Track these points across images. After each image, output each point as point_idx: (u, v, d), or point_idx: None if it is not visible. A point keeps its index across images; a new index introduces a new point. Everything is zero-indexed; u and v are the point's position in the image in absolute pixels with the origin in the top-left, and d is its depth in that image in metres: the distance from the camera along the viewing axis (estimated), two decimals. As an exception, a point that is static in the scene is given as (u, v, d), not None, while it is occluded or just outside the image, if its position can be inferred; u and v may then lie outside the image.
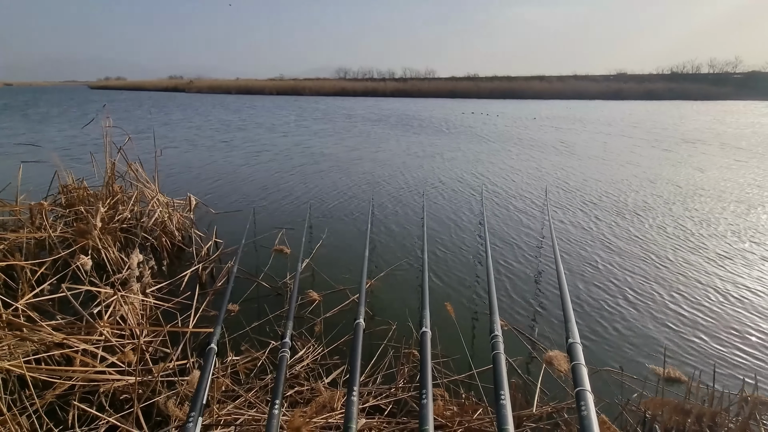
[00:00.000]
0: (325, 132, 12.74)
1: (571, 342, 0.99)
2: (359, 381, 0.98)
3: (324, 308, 2.54)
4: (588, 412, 0.70)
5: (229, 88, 46.92)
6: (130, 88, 61.25)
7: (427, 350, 0.96)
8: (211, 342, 1.27)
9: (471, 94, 39.38)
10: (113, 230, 3.21)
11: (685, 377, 1.92)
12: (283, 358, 1.06)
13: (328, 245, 3.61)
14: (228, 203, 4.86)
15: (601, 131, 13.27)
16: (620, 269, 3.20)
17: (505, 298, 2.74)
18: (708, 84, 40.68)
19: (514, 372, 1.98)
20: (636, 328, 2.42)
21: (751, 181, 6.27)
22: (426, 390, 0.82)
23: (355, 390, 0.91)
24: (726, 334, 2.37)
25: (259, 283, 2.93)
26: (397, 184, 6.01)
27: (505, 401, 0.74)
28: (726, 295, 2.81)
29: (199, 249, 3.33)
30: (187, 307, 2.55)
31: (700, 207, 4.86)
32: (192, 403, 0.97)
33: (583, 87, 40.53)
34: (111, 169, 3.69)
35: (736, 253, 3.50)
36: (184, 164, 7.29)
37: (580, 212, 4.64)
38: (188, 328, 2.22)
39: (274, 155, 8.41)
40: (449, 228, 4.11)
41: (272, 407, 0.93)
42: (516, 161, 7.91)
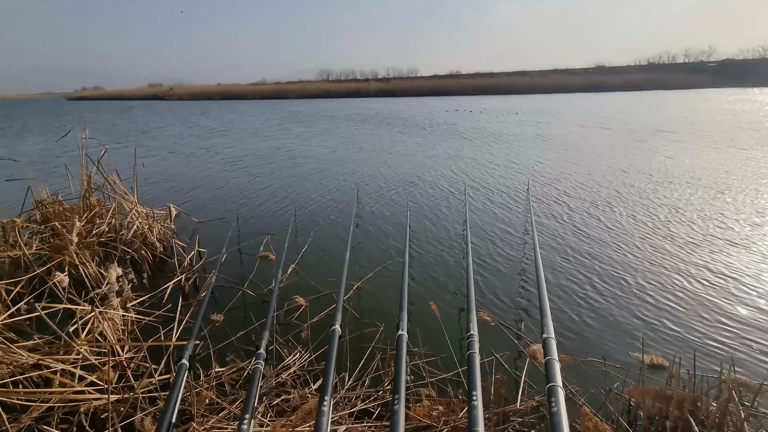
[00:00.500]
0: (307, 134, 12.67)
1: (546, 337, 1.00)
2: (333, 390, 0.96)
3: (311, 313, 2.52)
4: (558, 408, 0.70)
5: (210, 94, 46.35)
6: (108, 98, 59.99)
7: (402, 353, 0.95)
8: (183, 357, 1.24)
9: (454, 91, 39.65)
10: (91, 245, 3.14)
11: (666, 363, 1.95)
12: (256, 370, 1.04)
13: (314, 249, 3.59)
14: (211, 211, 4.79)
15: (579, 124, 13.49)
16: (601, 260, 3.24)
17: (492, 293, 2.76)
18: (684, 73, 41.70)
19: (501, 367, 1.99)
20: (617, 318, 2.46)
21: (718, 167, 6.44)
22: (399, 395, 0.81)
23: (327, 400, 0.90)
24: (704, 319, 2.42)
25: (244, 292, 2.89)
26: (381, 184, 6.00)
27: (477, 402, 0.74)
28: (702, 280, 2.87)
29: (182, 259, 3.27)
30: (169, 319, 2.50)
31: (675, 195, 4.97)
32: (159, 422, 0.95)
33: (564, 81, 41.14)
34: (87, 182, 3.61)
35: (708, 239, 3.58)
36: (165, 173, 7.17)
37: (560, 206, 4.70)
38: (170, 342, 2.18)
39: (256, 160, 8.33)
40: (432, 227, 4.12)
41: (242, 423, 0.91)
42: (497, 157, 7.98)
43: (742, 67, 44.65)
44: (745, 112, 15.51)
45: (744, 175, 5.86)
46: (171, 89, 54.39)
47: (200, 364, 2.07)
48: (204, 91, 48.62)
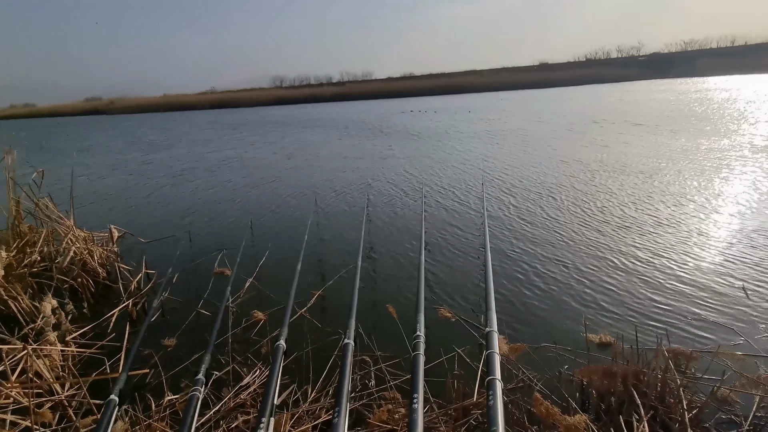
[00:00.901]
0: (261, 143, 12.38)
1: (488, 330, 1.03)
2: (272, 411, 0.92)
3: (270, 328, 2.44)
4: (494, 402, 0.72)
5: (156, 106, 44.09)
6: (41, 115, 55.38)
7: (346, 363, 0.94)
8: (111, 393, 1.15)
9: (410, 92, 40.24)
10: (22, 276, 2.87)
11: (612, 341, 2.08)
12: (193, 398, 0.98)
13: (273, 261, 3.49)
14: (159, 229, 4.54)
15: (527, 119, 14.15)
16: (547, 250, 3.40)
17: (449, 289, 2.81)
18: (618, 67, 44.89)
19: (463, 362, 2.03)
20: (566, 303, 2.58)
21: (645, 152, 7.00)
22: (339, 408, 0.79)
23: (264, 422, 0.86)
24: (642, 296, 2.59)
25: (198, 311, 2.76)
26: (338, 189, 5.96)
27: (417, 405, 0.74)
28: (637, 260, 3.09)
29: (128, 284, 3.07)
30: (117, 349, 2.33)
31: (609, 181, 5.32)
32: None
33: (514, 78, 42.95)
34: (16, 208, 3.30)
35: (639, 221, 3.86)
36: (106, 193, 6.73)
37: (510, 199, 4.88)
38: (117, 374, 2.03)
39: (206, 173, 8.02)
40: (390, 229, 4.15)
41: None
42: (452, 155, 8.18)
43: (667, 59, 48.72)
44: (666, 101, 16.94)
45: (668, 159, 6.40)
46: (112, 102, 51.14)
47: (152, 393, 1.95)
48: (149, 103, 46.16)
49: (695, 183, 5.01)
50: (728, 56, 44.21)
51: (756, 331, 2.18)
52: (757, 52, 42.63)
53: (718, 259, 3.01)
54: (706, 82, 29.63)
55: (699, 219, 3.82)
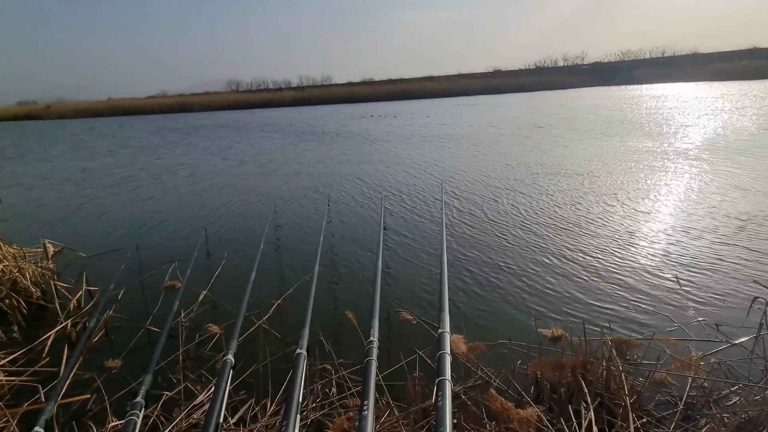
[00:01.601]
0: (213, 148, 11.94)
1: (441, 332, 1.04)
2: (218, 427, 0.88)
3: (226, 341, 2.34)
4: (443, 402, 0.73)
5: (100, 110, 41.19)
6: (-37, 119, 49.96)
7: (297, 374, 0.91)
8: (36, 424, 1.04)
9: (369, 97, 40.41)
10: (-63, 301, 2.57)
11: (563, 333, 2.18)
12: (130, 423, 0.91)
13: (228, 271, 3.36)
14: (102, 242, 4.23)
15: (478, 123, 14.71)
16: (498, 251, 3.54)
17: (409, 291, 2.84)
18: (564, 75, 47.72)
19: (423, 363, 2.05)
20: (518, 300, 2.69)
21: (582, 155, 7.54)
22: (287, 422, 0.77)
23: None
24: (587, 289, 2.76)
25: (147, 329, 2.59)
26: (298, 195, 5.87)
27: (367, 412, 0.73)
28: (581, 256, 3.29)
29: (66, 303, 2.83)
30: (54, 375, 2.14)
31: (550, 183, 5.65)
32: None
33: (468, 84, 44.39)
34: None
35: (579, 219, 4.13)
36: (40, 204, 6.19)
37: (465, 202, 5.04)
38: (54, 402, 1.86)
39: (156, 180, 7.61)
40: (350, 234, 4.14)
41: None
42: (413, 158, 8.31)
43: (608, 68, 52.47)
44: (604, 107, 18.28)
45: (600, 161, 6.90)
46: (49, 107, 47.16)
47: (93, 420, 1.80)
48: (91, 108, 43.01)
49: (627, 183, 5.42)
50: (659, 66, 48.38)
51: (687, 318, 2.38)
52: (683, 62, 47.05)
53: (652, 252, 3.26)
54: (641, 90, 32.26)
55: (633, 216, 4.12)
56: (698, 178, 5.46)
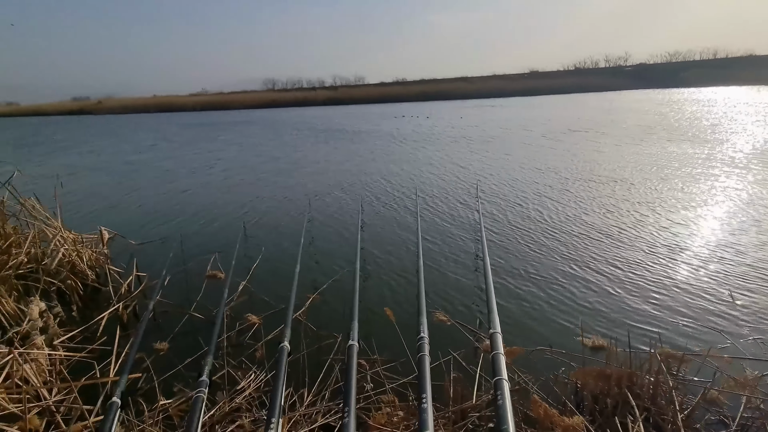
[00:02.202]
0: (248, 144, 12.31)
1: (492, 332, 1.04)
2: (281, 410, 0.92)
3: (264, 331, 2.42)
4: (503, 401, 0.73)
5: (146, 106, 43.53)
6: (25, 113, 54.17)
7: (352, 365, 0.94)
8: (113, 395, 1.13)
9: (401, 98, 40.44)
10: (7, 278, 2.80)
11: (606, 344, 2.11)
12: (198, 399, 0.97)
13: (266, 264, 3.46)
14: (150, 232, 4.47)
15: (510, 126, 14.35)
16: (542, 254, 3.45)
17: (446, 293, 2.82)
18: (606, 77, 45.80)
19: (458, 364, 2.04)
20: (560, 306, 2.61)
21: (633, 161, 7.17)
22: (348, 408, 0.79)
23: (274, 421, 0.86)
24: (634, 300, 2.64)
25: (191, 315, 2.72)
26: (332, 192, 5.96)
27: (426, 405, 0.74)
28: (629, 265, 3.15)
29: (118, 286, 3.01)
30: (107, 353, 2.28)
31: (598, 190, 5.43)
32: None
33: (502, 85, 43.52)
34: (0, 208, 3.22)
35: (632, 230, 3.94)
36: (95, 194, 6.61)
37: (504, 204, 4.94)
38: (107, 378, 1.99)
39: (197, 174, 7.95)
40: (385, 233, 4.15)
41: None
42: (447, 160, 8.24)
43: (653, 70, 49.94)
44: (653, 112, 17.36)
45: (656, 168, 6.55)
46: (100, 102, 50.32)
47: (143, 398, 1.91)
48: (138, 104, 45.55)
49: (674, 192, 5.14)
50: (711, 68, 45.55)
51: (742, 335, 2.24)
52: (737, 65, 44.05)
53: (702, 266, 3.08)
54: (688, 93, 30.49)
55: (681, 227, 3.90)
56: (746, 189, 5.10)
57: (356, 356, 1.00)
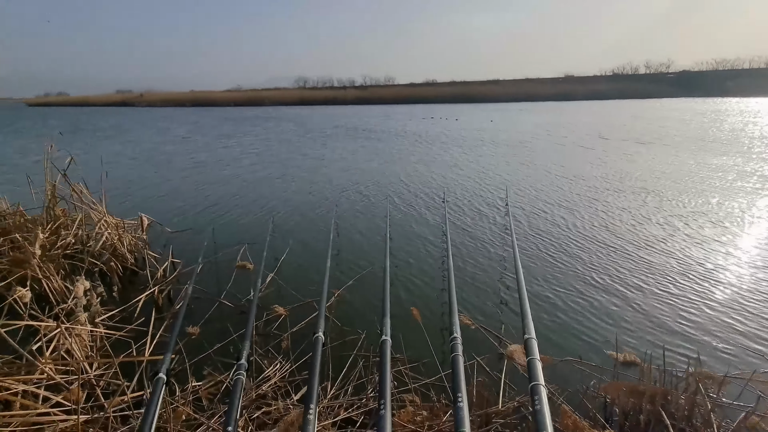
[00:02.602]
0: (275, 140, 12.57)
1: (527, 338, 1.03)
2: (318, 398, 0.95)
3: (290, 323, 2.48)
4: (541, 407, 0.72)
5: (183, 101, 45.27)
6: (73, 104, 57.50)
7: (386, 359, 0.95)
8: (159, 371, 1.19)
9: (430, 99, 40.24)
10: (56, 257, 2.98)
11: (638, 360, 2.03)
12: (238, 381, 1.02)
13: (293, 257, 3.54)
14: (185, 221, 4.66)
15: (540, 133, 13.99)
16: (574, 263, 3.35)
17: (472, 297, 2.79)
18: (646, 83, 43.96)
19: (482, 369, 2.02)
20: (592, 318, 2.54)
21: (674, 172, 6.83)
22: (384, 400, 0.81)
23: (312, 408, 0.89)
24: (672, 316, 2.53)
25: (221, 303, 2.81)
26: (359, 190, 6.00)
27: (462, 404, 0.75)
28: (667, 279, 3.01)
29: (155, 271, 3.15)
30: (142, 334, 2.40)
31: (634, 199, 5.22)
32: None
33: (535, 90, 42.54)
34: (52, 191, 3.44)
35: (667, 241, 3.77)
36: (136, 182, 6.93)
37: (535, 209, 4.83)
38: (143, 357, 2.09)
39: (230, 168, 8.18)
40: (413, 233, 4.15)
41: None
42: (475, 163, 8.14)
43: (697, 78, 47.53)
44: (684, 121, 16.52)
45: (698, 178, 6.23)
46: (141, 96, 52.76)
47: (175, 378, 1.99)
48: (176, 98, 47.43)
49: (725, 204, 4.87)
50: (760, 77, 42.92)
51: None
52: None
53: (750, 286, 2.91)
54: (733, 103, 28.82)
55: (724, 243, 3.70)
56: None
57: (389, 351, 1.02)
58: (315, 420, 0.81)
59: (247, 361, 1.16)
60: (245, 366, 1.12)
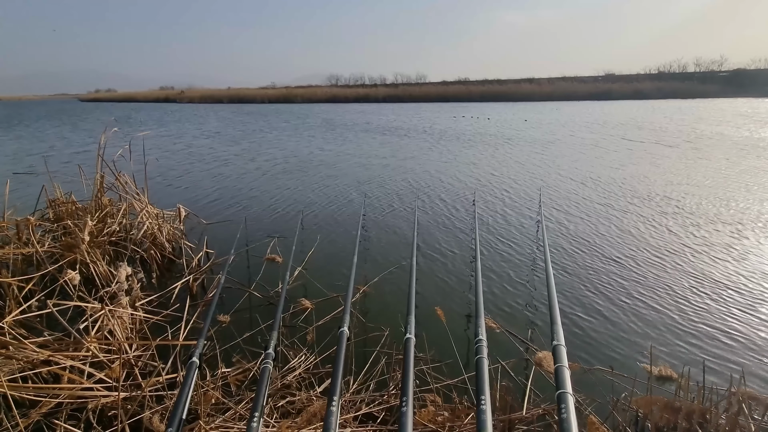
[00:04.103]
0: (313, 137, 12.78)
1: (556, 344, 1.00)
2: (341, 391, 0.97)
3: (316, 316, 2.53)
4: (568, 415, 0.70)
5: (221, 97, 46.94)
6: (121, 99, 61.04)
7: (410, 357, 0.96)
8: (193, 355, 1.25)
9: (462, 97, 39.65)
10: (102, 244, 3.18)
11: (675, 374, 1.93)
12: (265, 369, 1.05)
13: (321, 252, 3.60)
14: (219, 213, 4.84)
15: (577, 133, 13.45)
16: (609, 270, 3.22)
17: (498, 300, 2.75)
18: (695, 82, 41.27)
19: (506, 374, 1.98)
20: (625, 327, 2.43)
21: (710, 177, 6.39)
22: (407, 398, 0.81)
23: (335, 400, 0.90)
24: (713, 331, 2.39)
25: (250, 293, 2.91)
26: (388, 188, 6.02)
27: (485, 406, 0.74)
28: (710, 292, 2.84)
29: (190, 260, 3.30)
30: (177, 319, 2.52)
31: (677, 205, 4.93)
32: (170, 420, 0.96)
33: (573, 88, 40.94)
34: (99, 182, 3.67)
35: (712, 251, 3.54)
36: (176, 175, 7.27)
37: (569, 213, 4.67)
38: (178, 341, 2.20)
39: (263, 163, 8.42)
40: (441, 232, 4.11)
41: (251, 420, 0.92)
42: (507, 163, 7.96)
43: (754, 76, 44.16)
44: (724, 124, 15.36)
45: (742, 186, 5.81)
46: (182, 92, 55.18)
47: (206, 364, 2.08)
48: (214, 95, 49.28)
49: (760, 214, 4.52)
50: (829, 76, 39.32)
51: None
52: None
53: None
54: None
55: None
56: None
57: (413, 349, 1.02)
58: (338, 412, 0.83)
59: (274, 351, 1.20)
60: (272, 356, 1.16)
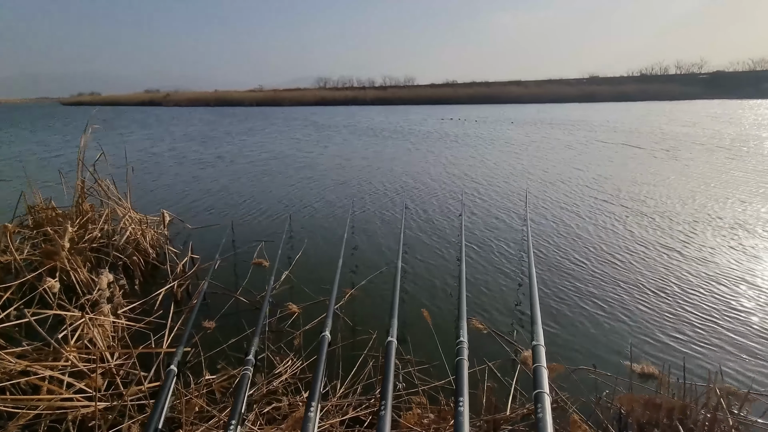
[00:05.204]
0: (300, 140, 12.73)
1: (535, 344, 1.01)
2: (320, 397, 0.96)
3: (303, 320, 2.51)
4: (543, 415, 0.71)
5: (207, 100, 46.47)
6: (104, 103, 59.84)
7: (390, 360, 0.96)
8: (171, 363, 1.23)
9: (450, 100, 39.98)
10: (83, 250, 3.11)
11: (656, 372, 1.97)
12: (244, 376, 1.04)
13: (308, 256, 3.58)
14: (204, 217, 4.78)
15: (563, 136, 13.67)
16: (592, 270, 3.27)
17: (483, 301, 2.77)
18: (677, 84, 42.32)
19: (493, 375, 1.99)
20: (608, 326, 2.47)
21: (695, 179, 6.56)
22: (385, 402, 0.81)
23: (313, 406, 0.90)
24: (692, 328, 2.44)
25: (237, 298, 2.88)
26: (376, 190, 6.02)
27: (463, 408, 0.74)
28: (689, 290, 2.90)
29: (174, 266, 3.25)
30: (161, 326, 2.47)
31: (655, 203, 5.04)
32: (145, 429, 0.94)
33: (559, 91, 41.63)
34: (81, 187, 3.59)
35: (690, 249, 3.63)
36: (158, 178, 7.16)
37: (554, 214, 4.74)
38: (161, 349, 2.16)
39: (249, 166, 8.34)
40: (427, 235, 4.13)
41: (227, 428, 0.90)
42: (495, 165, 8.04)
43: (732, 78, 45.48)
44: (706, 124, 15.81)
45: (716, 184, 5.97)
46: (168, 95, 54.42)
47: (191, 371, 2.05)
48: (201, 98, 48.75)
49: (754, 215, 4.65)
50: (803, 78, 40.69)
51: (822, 379, 1.99)
52: (838, 76, 38.96)
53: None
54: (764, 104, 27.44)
55: (750, 254, 3.54)
56: None
57: (395, 353, 1.02)
58: (316, 418, 0.82)
59: (255, 357, 1.19)
60: (252, 362, 1.15)
